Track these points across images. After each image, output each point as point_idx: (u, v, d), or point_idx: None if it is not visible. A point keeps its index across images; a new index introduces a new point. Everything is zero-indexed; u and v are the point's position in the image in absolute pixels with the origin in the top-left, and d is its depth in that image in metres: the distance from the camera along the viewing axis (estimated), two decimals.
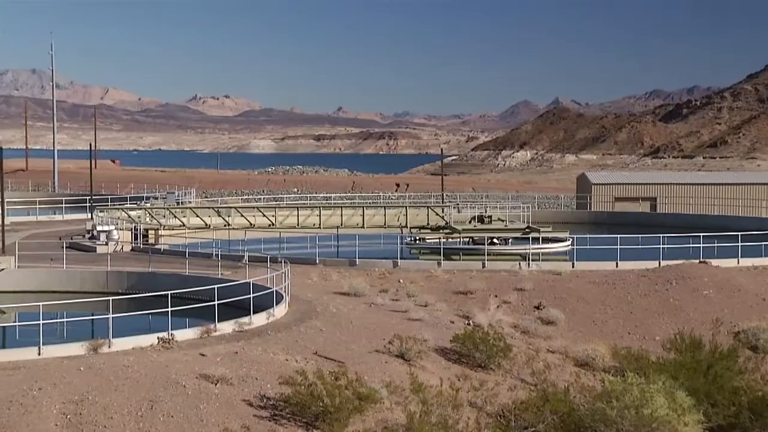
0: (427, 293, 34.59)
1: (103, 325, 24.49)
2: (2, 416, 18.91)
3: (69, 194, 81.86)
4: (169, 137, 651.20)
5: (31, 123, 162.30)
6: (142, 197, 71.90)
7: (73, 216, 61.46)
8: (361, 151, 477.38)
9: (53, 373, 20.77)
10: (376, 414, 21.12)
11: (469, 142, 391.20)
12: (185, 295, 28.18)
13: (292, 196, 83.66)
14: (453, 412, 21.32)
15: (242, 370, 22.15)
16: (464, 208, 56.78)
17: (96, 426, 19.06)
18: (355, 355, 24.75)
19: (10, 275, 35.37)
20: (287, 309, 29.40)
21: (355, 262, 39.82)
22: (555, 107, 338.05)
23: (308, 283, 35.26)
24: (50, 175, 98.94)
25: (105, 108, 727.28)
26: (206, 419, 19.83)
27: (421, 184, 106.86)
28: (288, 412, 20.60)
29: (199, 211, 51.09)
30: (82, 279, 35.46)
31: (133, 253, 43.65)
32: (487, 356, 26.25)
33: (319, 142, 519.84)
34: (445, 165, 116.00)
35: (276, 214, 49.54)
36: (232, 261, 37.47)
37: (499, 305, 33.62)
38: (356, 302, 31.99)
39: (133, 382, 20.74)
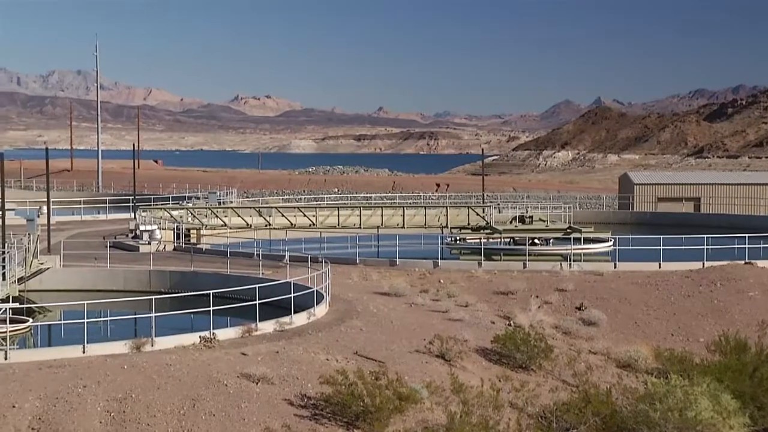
0: (468, 293, 34.49)
1: (146, 324, 24.71)
2: (48, 413, 19.16)
3: (112, 194, 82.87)
4: (211, 137, 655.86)
5: (76, 124, 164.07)
6: (184, 197, 72.52)
7: (116, 216, 62.13)
8: (402, 151, 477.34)
9: (97, 371, 20.99)
10: (417, 414, 21.08)
11: (510, 142, 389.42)
12: (227, 294, 28.39)
13: (333, 196, 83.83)
14: (494, 413, 21.22)
15: (283, 370, 22.22)
16: (505, 208, 56.56)
17: (139, 424, 19.24)
18: (395, 355, 24.73)
19: (56, 274, 35.83)
20: (328, 309, 29.46)
21: (395, 262, 39.82)
22: (597, 107, 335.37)
23: (348, 282, 35.31)
24: (94, 175, 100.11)
25: (148, 109, 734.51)
26: (247, 418, 19.92)
27: (461, 185, 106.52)
28: (328, 412, 20.64)
29: (241, 211, 51.40)
30: (126, 278, 35.83)
31: (175, 252, 44.00)
32: (528, 357, 26.11)
33: (359, 142, 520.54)
34: (486, 165, 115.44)
35: (316, 214, 49.71)
36: (273, 261, 37.64)
37: (540, 306, 33.43)
38: (396, 302, 31.98)
39: (175, 381, 20.90)
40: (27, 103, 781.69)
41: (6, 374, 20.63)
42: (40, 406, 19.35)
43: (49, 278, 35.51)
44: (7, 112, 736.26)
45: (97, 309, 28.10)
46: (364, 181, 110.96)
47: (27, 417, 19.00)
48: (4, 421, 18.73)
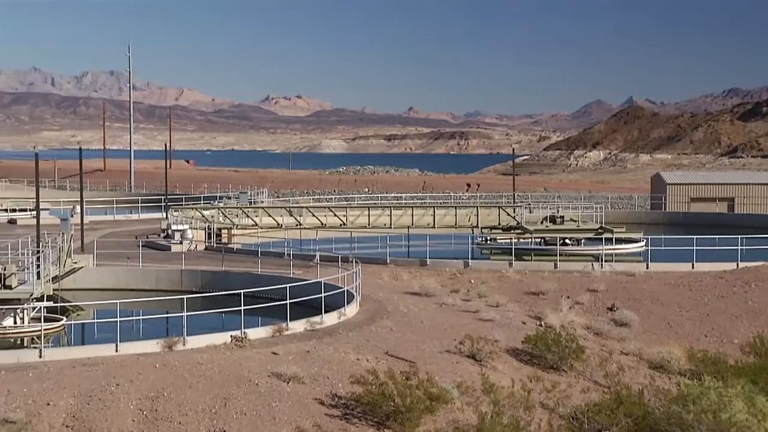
0: (499, 293, 34.39)
1: (178, 323, 24.86)
2: (82, 411, 19.33)
3: (145, 194, 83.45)
4: (242, 137, 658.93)
5: (109, 124, 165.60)
6: (216, 197, 72.90)
7: (148, 215, 62.58)
8: (432, 151, 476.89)
9: (130, 370, 21.16)
10: (447, 414, 21.05)
11: (540, 141, 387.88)
12: (258, 294, 28.49)
13: (363, 196, 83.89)
14: (525, 414, 21.15)
15: (314, 369, 22.27)
16: (536, 208, 56.37)
17: (171, 422, 19.36)
18: (425, 355, 24.71)
19: (89, 273, 36.13)
20: (358, 308, 29.50)
21: (425, 262, 39.79)
22: (629, 106, 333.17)
23: (379, 282, 35.33)
24: (127, 175, 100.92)
25: (180, 109, 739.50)
26: (278, 417, 19.99)
27: (492, 184, 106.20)
28: (359, 412, 20.66)
29: (272, 211, 51.59)
30: (158, 277, 36.07)
31: (206, 252, 44.24)
32: (559, 357, 25.98)
33: (390, 142, 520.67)
34: (517, 165, 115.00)
35: (347, 214, 49.78)
36: (303, 260, 37.74)
37: (572, 306, 33.27)
38: (427, 302, 31.96)
39: (207, 380, 21.01)
40: (61, 104, 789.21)
41: (41, 372, 20.85)
42: (74, 403, 19.53)
43: (83, 277, 35.81)
44: (41, 112, 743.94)
45: (130, 308, 28.27)
46: (394, 181, 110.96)
47: (61, 415, 19.20)
48: (40, 419, 18.94)
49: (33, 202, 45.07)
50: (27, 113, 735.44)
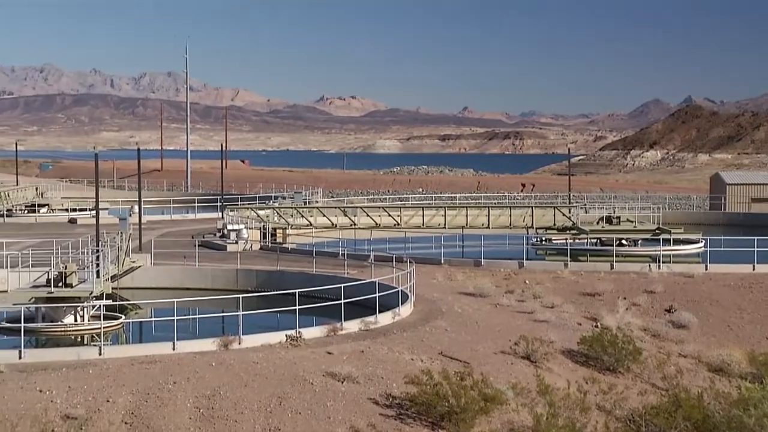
0: (554, 294, 34.13)
1: (234, 322, 25.07)
2: (140, 408, 19.59)
3: (201, 194, 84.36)
4: (297, 137, 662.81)
5: (166, 124, 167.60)
6: (271, 197, 73.41)
7: (204, 215, 63.21)
8: (487, 151, 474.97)
9: (187, 368, 21.38)
10: (502, 415, 20.94)
11: (596, 141, 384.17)
12: (312, 293, 28.61)
13: (417, 196, 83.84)
14: (581, 416, 20.95)
15: (368, 369, 22.30)
16: (592, 208, 55.81)
17: (227, 420, 19.53)
18: (480, 355, 24.61)
19: (146, 272, 36.60)
20: (412, 308, 29.47)
21: (480, 262, 39.63)
22: (687, 105, 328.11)
23: (433, 282, 35.27)
24: (183, 175, 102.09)
25: (235, 109, 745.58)
26: (333, 416, 20.04)
27: (547, 185, 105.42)
28: (413, 412, 20.63)
29: (326, 211, 51.80)
30: (214, 277, 36.40)
31: (261, 251, 44.55)
32: (615, 359, 25.70)
33: (444, 142, 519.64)
34: (572, 165, 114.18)
35: (401, 214, 49.78)
36: (357, 260, 37.79)
37: (628, 307, 32.88)
38: (481, 303, 31.82)
39: (262, 379, 21.15)
40: (119, 105, 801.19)
41: (100, 369, 21.16)
42: (133, 401, 19.80)
43: (141, 276, 36.29)
44: (100, 113, 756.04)
45: (186, 307, 28.60)
46: (448, 181, 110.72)
47: (120, 411, 19.47)
48: (99, 415, 19.23)
49: (93, 202, 45.80)
50: (87, 114, 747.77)
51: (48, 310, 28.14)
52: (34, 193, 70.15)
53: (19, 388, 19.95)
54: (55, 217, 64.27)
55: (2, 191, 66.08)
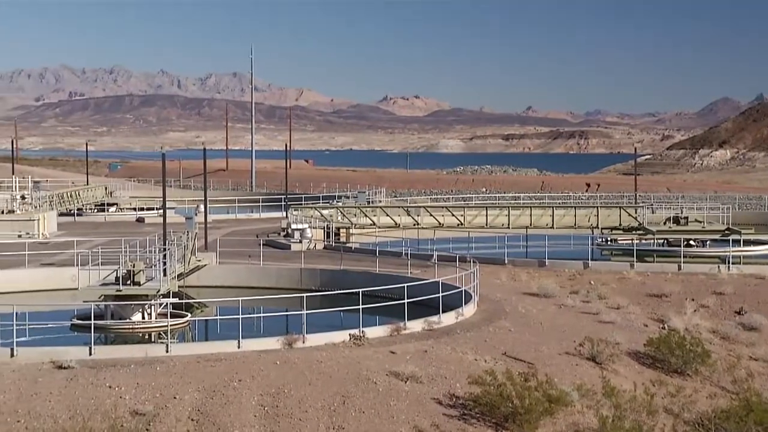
0: (619, 295, 33.73)
1: (298, 321, 25.23)
2: (206, 405, 19.83)
3: (265, 193, 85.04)
4: (360, 137, 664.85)
5: (231, 124, 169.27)
6: (334, 196, 73.72)
7: (269, 214, 63.78)
8: (551, 151, 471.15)
9: (252, 366, 21.57)
10: (567, 417, 20.75)
11: (664, 140, 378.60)
12: (375, 293, 28.66)
13: (481, 196, 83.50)
14: (647, 418, 20.68)
15: (432, 369, 22.28)
16: (658, 208, 54.95)
17: (292, 419, 19.66)
18: (544, 356, 24.42)
19: (212, 271, 37.04)
20: (476, 309, 29.36)
21: (544, 262, 39.33)
22: (759, 103, 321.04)
23: (497, 283, 35.10)
24: (248, 174, 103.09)
25: (299, 109, 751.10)
26: (396, 416, 20.06)
27: (612, 184, 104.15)
28: (477, 412, 20.56)
29: (389, 210, 51.87)
30: (278, 275, 36.69)
31: (325, 251, 44.78)
32: (683, 362, 25.28)
33: (507, 141, 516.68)
34: (639, 164, 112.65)
35: (465, 214, 49.66)
36: (421, 260, 37.78)
37: (697, 309, 32.34)
38: (546, 303, 31.58)
39: (326, 378, 21.26)
40: (186, 105, 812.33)
41: (168, 366, 21.47)
42: (199, 398, 20.05)
43: (206, 275, 36.74)
44: (168, 113, 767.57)
45: (251, 305, 28.86)
46: (512, 181, 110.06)
47: (187, 408, 19.73)
48: (167, 412, 19.51)
49: (160, 202, 46.52)
50: (154, 115, 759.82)
51: (117, 308, 28.65)
52: (103, 192, 71.53)
53: (90, 384, 20.35)
54: (123, 216, 65.45)
55: (73, 191, 67.50)
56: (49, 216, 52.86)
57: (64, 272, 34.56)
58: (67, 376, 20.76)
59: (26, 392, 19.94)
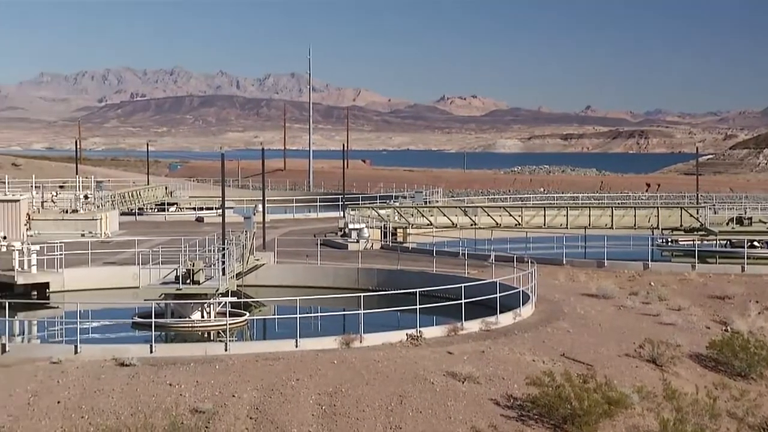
0: (680, 297, 33.24)
1: (355, 321, 25.29)
2: (264, 403, 19.98)
3: (322, 193, 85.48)
4: (417, 137, 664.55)
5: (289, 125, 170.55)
6: (391, 196, 73.79)
7: (326, 214, 64.06)
8: (610, 150, 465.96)
9: (309, 365, 21.68)
10: (627, 419, 20.51)
11: (726, 140, 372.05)
12: (432, 293, 28.61)
13: (539, 196, 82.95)
14: (710, 422, 20.36)
15: (489, 369, 22.18)
16: (721, 209, 54.08)
17: (349, 418, 19.72)
18: (603, 358, 24.17)
19: (270, 270, 37.31)
20: (534, 309, 29.16)
21: (603, 263, 38.93)
22: None
23: (555, 283, 34.84)
24: (306, 174, 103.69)
25: (357, 109, 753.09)
26: (454, 416, 20.01)
27: (673, 185, 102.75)
28: (535, 413, 20.42)
29: (446, 210, 51.78)
30: (335, 275, 36.82)
31: (382, 250, 44.83)
32: (747, 365, 24.82)
33: (566, 141, 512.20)
34: (701, 164, 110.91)
35: (522, 214, 49.38)
36: (478, 260, 37.63)
37: (761, 312, 31.74)
38: (604, 304, 31.24)
39: (383, 377, 21.28)
40: (245, 106, 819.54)
41: (226, 365, 21.67)
42: (257, 396, 20.21)
43: (264, 274, 37.02)
44: (227, 114, 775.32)
45: (309, 305, 29.01)
46: (570, 181, 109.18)
47: (246, 407, 19.90)
48: (226, 410, 19.70)
49: (219, 201, 46.98)
50: (214, 115, 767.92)
51: (177, 306, 28.99)
52: (163, 192, 72.50)
53: (151, 382, 20.63)
54: (183, 215, 66.27)
55: (134, 190, 68.53)
56: (111, 215, 53.71)
57: (126, 271, 35.10)
58: (129, 373, 21.08)
59: (89, 389, 20.29)
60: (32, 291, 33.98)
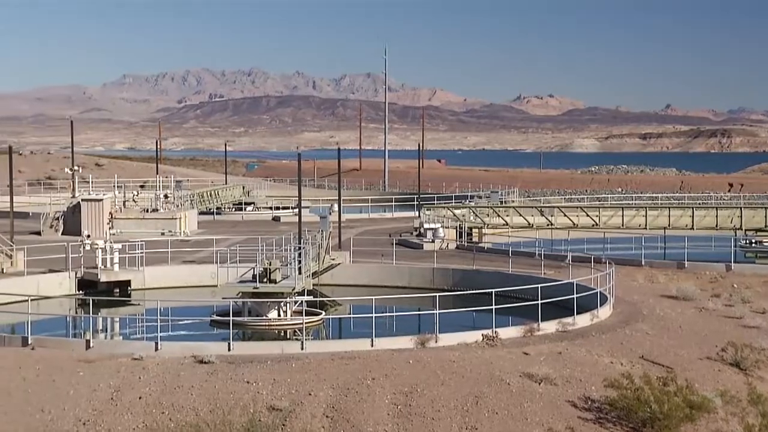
0: (765, 299, 32.41)
1: (430, 320, 25.27)
2: (340, 402, 20.08)
3: (398, 193, 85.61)
4: (493, 137, 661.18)
5: (365, 125, 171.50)
6: (467, 196, 73.56)
7: (401, 214, 64.15)
8: (691, 150, 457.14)
9: (385, 365, 21.71)
10: (709, 424, 20.09)
11: None
12: (508, 293, 28.44)
13: (616, 196, 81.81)
14: None
15: (566, 371, 21.94)
16: None
17: (424, 418, 19.69)
18: (684, 361, 23.71)
19: (345, 269, 37.50)
20: (612, 310, 28.77)
21: (683, 264, 38.21)
22: None
23: (633, 284, 34.31)
24: (381, 174, 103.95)
25: (432, 109, 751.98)
26: (530, 418, 19.84)
27: (757, 184, 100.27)
28: (613, 416, 20.13)
29: (522, 210, 51.44)
30: (410, 275, 36.85)
31: (457, 250, 44.71)
32: None
33: (645, 140, 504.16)
34: None
35: (600, 214, 48.82)
36: (554, 261, 37.29)
37: None
38: (685, 306, 30.65)
39: (458, 377, 21.21)
40: (321, 106, 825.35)
41: (303, 363, 21.84)
42: (333, 395, 20.31)
43: (340, 273, 37.23)
44: (303, 114, 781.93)
45: (384, 304, 29.08)
46: (649, 181, 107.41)
47: (322, 405, 20.02)
48: (302, 408, 19.85)
49: (295, 201, 47.43)
50: (290, 115, 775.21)
51: (254, 305, 29.33)
52: (241, 191, 73.45)
53: (229, 379, 20.90)
54: (260, 214, 67.03)
55: (212, 190, 69.57)
56: (190, 214, 54.63)
57: (204, 269, 35.66)
58: (208, 370, 21.39)
59: (170, 385, 20.65)
60: (114, 288, 34.77)
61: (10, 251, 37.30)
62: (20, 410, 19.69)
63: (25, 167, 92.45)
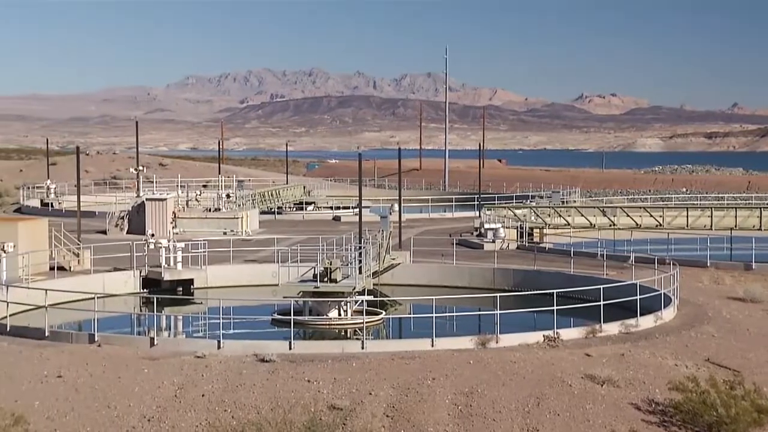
0: None
1: (490, 321, 25.15)
2: (401, 402, 20.08)
3: (458, 193, 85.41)
4: (554, 137, 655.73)
5: (425, 124, 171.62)
6: (528, 196, 73.11)
7: (461, 214, 63.96)
8: (758, 149, 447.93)
9: (445, 365, 21.66)
10: None
11: None
12: (570, 294, 28.18)
13: (681, 196, 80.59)
14: None
15: (629, 373, 21.67)
16: None
17: (485, 419, 19.60)
18: (752, 364, 23.26)
19: (406, 269, 37.50)
20: (676, 312, 28.34)
21: (751, 265, 37.49)
22: None
23: (698, 286, 33.75)
24: (441, 174, 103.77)
25: (492, 109, 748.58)
26: (592, 420, 19.63)
27: None
28: (678, 420, 19.82)
29: (584, 211, 50.94)
30: (471, 275, 36.70)
31: (518, 251, 44.43)
32: None
33: (710, 140, 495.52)
34: None
35: (663, 215, 48.14)
36: (617, 261, 36.86)
37: None
38: (753, 308, 30.06)
39: (519, 378, 21.07)
40: (381, 106, 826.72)
41: (363, 363, 21.89)
42: (394, 395, 20.32)
43: (400, 273, 37.23)
44: (363, 114, 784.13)
45: (444, 304, 29.01)
46: (715, 181, 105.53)
47: (382, 405, 20.04)
48: (363, 407, 19.89)
49: (356, 201, 47.58)
50: (350, 115, 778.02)
51: (314, 304, 29.48)
52: (301, 191, 73.92)
53: (290, 378, 21.03)
54: (320, 214, 67.36)
55: (273, 190, 70.14)
56: (252, 214, 55.12)
57: (265, 269, 35.92)
58: (269, 369, 21.55)
59: (231, 383, 20.85)
60: (177, 287, 35.23)
61: (77, 250, 38.01)
62: (87, 406, 20.06)
63: (92, 167, 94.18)
